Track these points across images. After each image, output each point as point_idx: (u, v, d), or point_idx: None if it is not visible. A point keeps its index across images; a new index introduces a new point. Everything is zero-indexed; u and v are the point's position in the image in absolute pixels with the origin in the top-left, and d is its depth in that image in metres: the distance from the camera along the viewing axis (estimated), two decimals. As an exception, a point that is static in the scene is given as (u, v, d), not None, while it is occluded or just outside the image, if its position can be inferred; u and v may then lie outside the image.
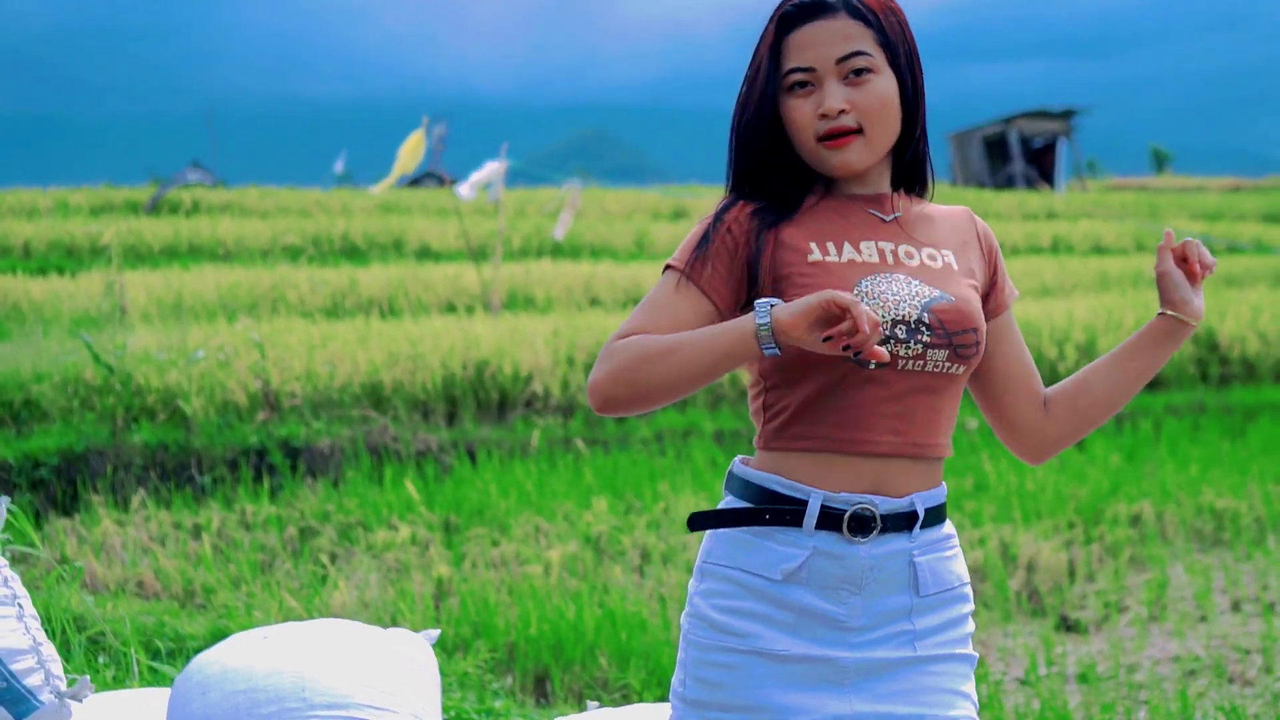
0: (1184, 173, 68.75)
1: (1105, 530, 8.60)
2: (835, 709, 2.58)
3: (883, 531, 2.60)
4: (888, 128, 2.68)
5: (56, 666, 3.76)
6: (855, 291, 2.59)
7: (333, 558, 8.17)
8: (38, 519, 9.13)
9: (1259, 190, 43.05)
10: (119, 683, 5.14)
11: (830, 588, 2.60)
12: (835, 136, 2.64)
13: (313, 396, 11.17)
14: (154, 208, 25.92)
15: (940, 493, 2.69)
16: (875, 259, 2.65)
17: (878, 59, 2.65)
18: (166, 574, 7.59)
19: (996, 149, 43.52)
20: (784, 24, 2.68)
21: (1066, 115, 43.62)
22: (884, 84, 2.66)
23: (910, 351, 2.59)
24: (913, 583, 2.64)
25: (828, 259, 2.63)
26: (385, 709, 3.32)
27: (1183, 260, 2.73)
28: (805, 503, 2.60)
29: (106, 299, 14.04)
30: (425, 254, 21.67)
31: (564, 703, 5.96)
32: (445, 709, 5.40)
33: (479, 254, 18.52)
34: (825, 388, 2.60)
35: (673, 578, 7.45)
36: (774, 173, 2.72)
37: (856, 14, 2.65)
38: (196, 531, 8.69)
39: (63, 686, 3.71)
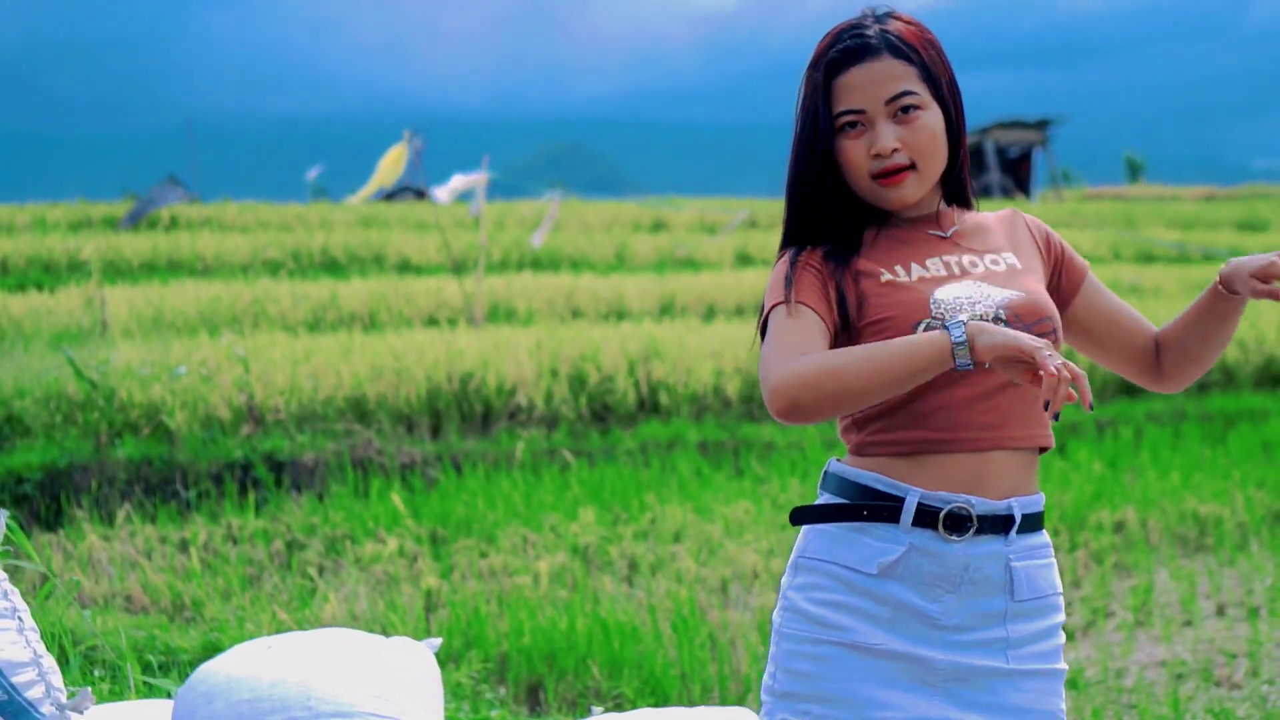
0: (1158, 181, 68.94)
1: (1090, 537, 8.65)
2: (924, 710, 2.65)
3: (979, 532, 2.66)
4: (938, 160, 2.78)
5: (57, 679, 3.77)
6: (932, 299, 2.68)
7: (320, 570, 8.17)
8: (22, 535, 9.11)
9: (1233, 198, 43.21)
10: (116, 695, 5.14)
11: (926, 585, 2.66)
12: (890, 174, 2.73)
13: (297, 410, 11.18)
14: (134, 223, 25.85)
15: (1038, 500, 2.75)
16: (943, 272, 2.74)
17: (923, 95, 2.75)
18: (155, 588, 7.60)
19: (972, 158, 43.69)
20: (831, 69, 2.76)
21: (1042, 125, 43.81)
22: (932, 119, 2.75)
23: None
24: (1008, 587, 2.69)
25: (899, 279, 2.72)
26: (388, 716, 3.34)
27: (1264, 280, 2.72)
28: (902, 500, 2.66)
29: (87, 314, 14.05)
30: (406, 267, 21.65)
31: (558, 712, 5.98)
32: (440, 719, 5.42)
33: (460, 267, 18.53)
34: (916, 392, 2.67)
35: (662, 587, 7.47)
36: (832, 211, 2.80)
37: (899, 53, 2.74)
38: (183, 545, 8.70)
39: (63, 699, 3.73)
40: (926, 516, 2.65)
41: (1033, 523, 2.73)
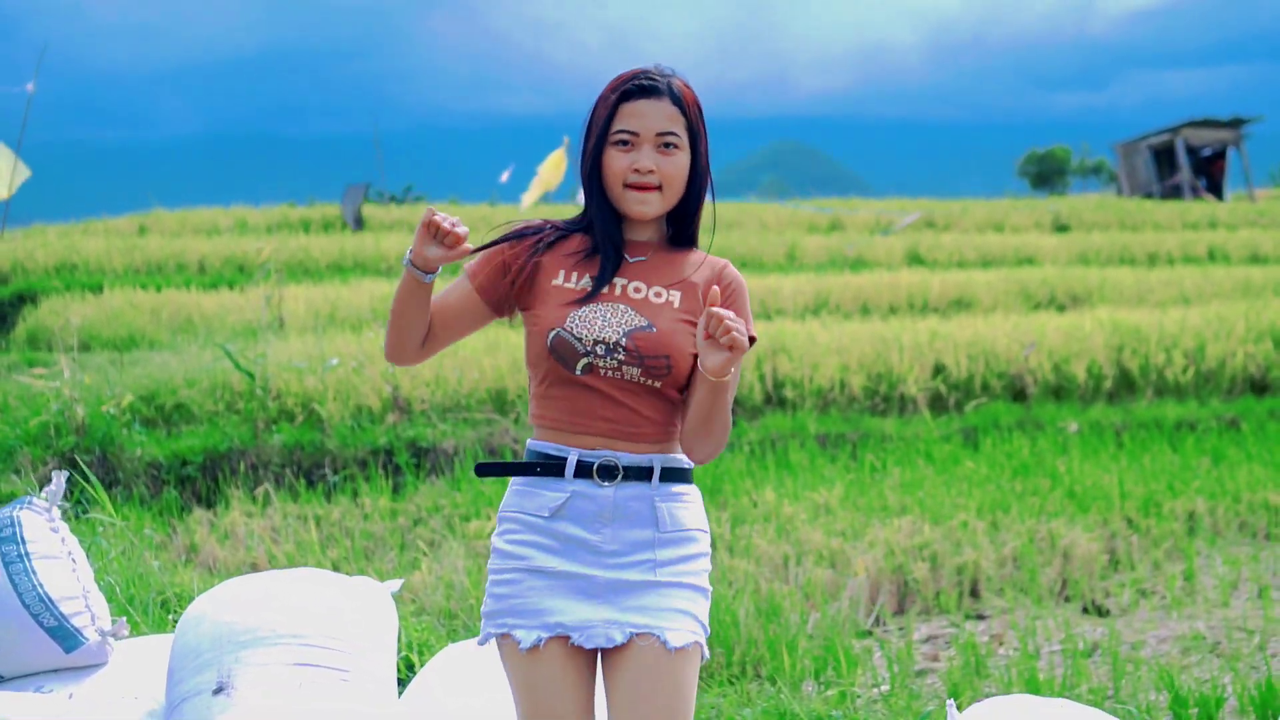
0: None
1: (1153, 524, 9.01)
2: (588, 614, 3.39)
3: (625, 479, 3.40)
4: (677, 191, 3.50)
5: (102, 610, 4.52)
6: (569, 317, 3.40)
7: (431, 544, 8.89)
8: (182, 512, 10.00)
9: None
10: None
11: (587, 520, 3.42)
12: (642, 188, 3.45)
13: (441, 401, 11.94)
14: (359, 225, 27.33)
15: (675, 459, 3.47)
16: (605, 289, 3.44)
17: (683, 140, 3.48)
18: (277, 559, 8.38)
19: (1163, 158, 43.13)
20: (624, 95, 3.48)
21: (1236, 124, 42.96)
22: (683, 159, 3.48)
23: (608, 365, 3.38)
24: (654, 521, 3.43)
25: (565, 285, 3.46)
26: (339, 637, 4.05)
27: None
28: (565, 458, 3.41)
29: (266, 311, 15.02)
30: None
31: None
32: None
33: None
34: (558, 387, 3.43)
35: (741, 565, 8.01)
36: (597, 205, 3.52)
37: (677, 103, 3.48)
38: (318, 522, 9.46)
39: (106, 627, 4.48)
40: (583, 469, 3.40)
41: (674, 475, 3.45)
